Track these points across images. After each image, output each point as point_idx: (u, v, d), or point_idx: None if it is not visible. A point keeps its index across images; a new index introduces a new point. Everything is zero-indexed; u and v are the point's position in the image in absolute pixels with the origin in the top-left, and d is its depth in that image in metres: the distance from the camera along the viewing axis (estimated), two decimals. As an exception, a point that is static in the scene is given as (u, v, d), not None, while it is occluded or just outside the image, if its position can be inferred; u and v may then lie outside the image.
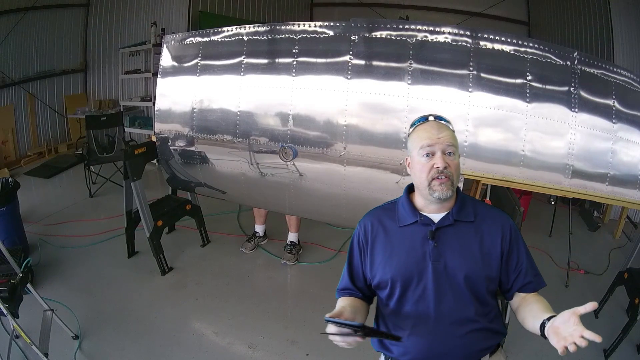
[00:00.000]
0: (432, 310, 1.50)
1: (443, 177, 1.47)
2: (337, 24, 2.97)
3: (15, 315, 2.53)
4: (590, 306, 1.22)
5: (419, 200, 1.58)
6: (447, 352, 1.51)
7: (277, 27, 3.12)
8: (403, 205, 1.61)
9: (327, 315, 1.33)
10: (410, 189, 1.64)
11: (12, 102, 6.68)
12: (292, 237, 4.19)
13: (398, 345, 1.56)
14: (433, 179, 1.48)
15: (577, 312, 1.24)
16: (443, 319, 1.50)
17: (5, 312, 2.46)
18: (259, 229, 4.38)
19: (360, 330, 1.27)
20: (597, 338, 1.16)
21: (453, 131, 1.55)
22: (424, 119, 1.56)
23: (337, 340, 1.33)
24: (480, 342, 1.54)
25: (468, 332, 1.50)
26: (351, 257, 1.69)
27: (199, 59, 3.35)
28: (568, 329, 1.23)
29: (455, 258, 1.50)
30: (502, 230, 1.55)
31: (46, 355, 2.63)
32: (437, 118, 1.55)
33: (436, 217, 1.55)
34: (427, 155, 1.48)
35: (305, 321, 3.27)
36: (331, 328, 1.31)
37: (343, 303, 1.60)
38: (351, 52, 2.89)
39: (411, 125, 1.60)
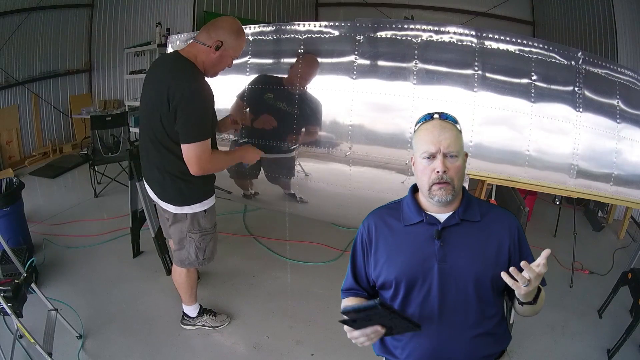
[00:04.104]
0: (436, 313, 1.48)
1: (442, 183, 1.45)
2: (342, 24, 2.96)
3: (19, 315, 2.54)
4: (545, 253, 1.29)
5: (423, 199, 1.57)
6: (450, 357, 1.49)
7: (282, 27, 3.11)
8: (408, 204, 1.60)
9: (342, 307, 1.34)
10: (415, 188, 1.62)
11: (16, 102, 6.68)
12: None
13: (401, 349, 1.55)
14: (433, 184, 1.46)
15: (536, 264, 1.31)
16: (447, 322, 1.48)
17: (9, 311, 2.47)
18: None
19: (380, 308, 1.23)
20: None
21: (459, 130, 1.52)
22: (429, 117, 1.53)
23: (356, 336, 1.35)
24: (484, 348, 1.51)
25: (473, 336, 1.48)
26: (354, 257, 1.67)
27: (204, 59, 3.35)
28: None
29: (461, 258, 1.48)
30: (510, 231, 1.53)
31: (50, 355, 2.64)
32: (443, 116, 1.52)
33: (441, 216, 1.53)
34: (428, 157, 1.47)
35: (310, 321, 3.28)
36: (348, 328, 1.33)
37: (349, 303, 1.60)
38: (356, 52, 2.89)
39: (416, 123, 1.58)
